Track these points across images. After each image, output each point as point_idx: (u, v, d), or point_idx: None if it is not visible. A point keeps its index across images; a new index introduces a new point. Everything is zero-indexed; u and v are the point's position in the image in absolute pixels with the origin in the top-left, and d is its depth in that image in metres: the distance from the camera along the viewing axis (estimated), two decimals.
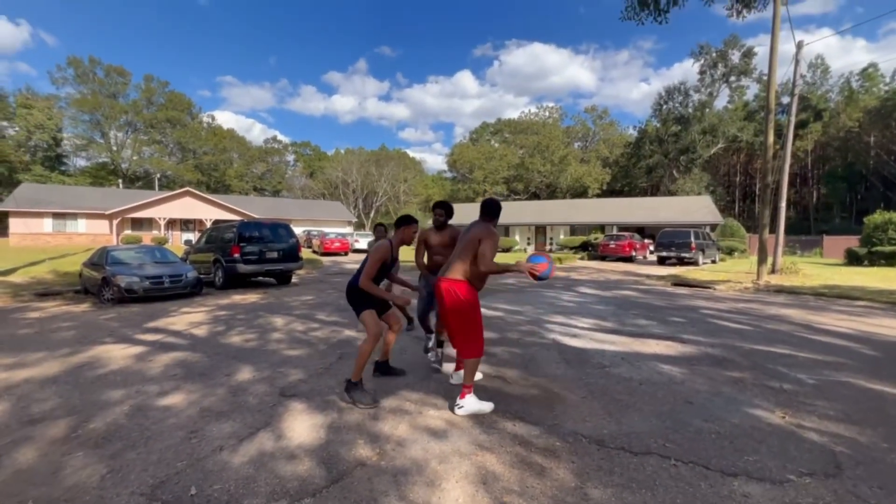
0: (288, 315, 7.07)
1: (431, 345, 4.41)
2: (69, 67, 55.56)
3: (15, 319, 6.94)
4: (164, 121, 60.62)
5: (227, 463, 2.49)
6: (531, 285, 11.41)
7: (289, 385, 3.78)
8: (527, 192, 59.19)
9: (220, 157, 64.69)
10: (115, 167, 57.89)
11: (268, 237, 11.01)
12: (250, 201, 42.81)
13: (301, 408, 3.27)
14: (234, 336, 5.63)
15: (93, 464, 2.50)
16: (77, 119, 55.64)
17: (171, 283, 8.91)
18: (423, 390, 3.65)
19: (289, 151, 78.10)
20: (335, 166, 63.72)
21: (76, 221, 30.24)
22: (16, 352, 4.88)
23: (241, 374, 4.06)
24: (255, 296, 9.42)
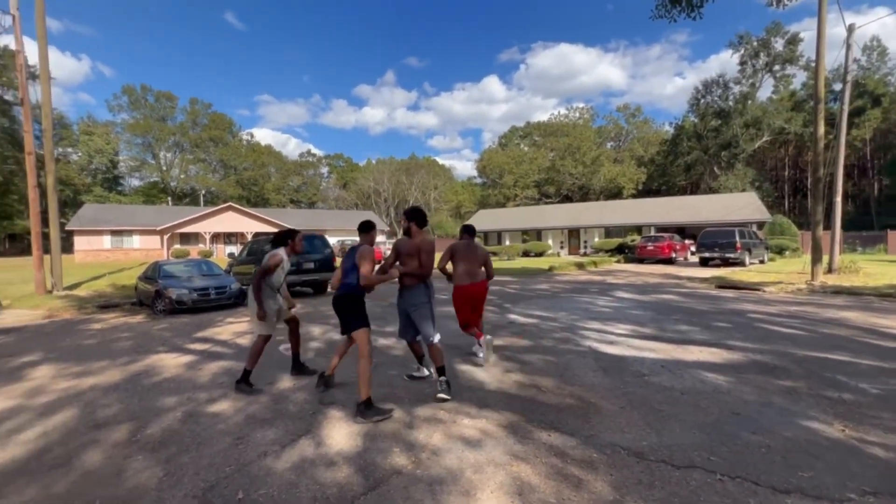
0: (325, 324, 7.29)
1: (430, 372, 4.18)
2: (124, 95, 60.16)
3: (80, 330, 7.53)
4: (208, 140, 64.30)
5: (271, 469, 2.60)
6: (564, 290, 11.19)
7: (327, 393, 3.90)
8: (558, 194, 58.25)
9: (258, 172, 67.75)
10: (164, 185, 61.84)
11: (305, 248, 11.39)
12: (287, 213, 44.52)
13: (339, 416, 3.37)
14: (277, 345, 5.86)
15: (151, 467, 2.68)
16: (131, 143, 60.08)
17: (216, 295, 9.40)
18: (457, 399, 3.66)
19: (322, 164, 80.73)
20: (367, 177, 65.22)
21: (131, 238, 32.47)
22: (82, 361, 5.30)
23: (282, 383, 4.23)
24: (297, 305, 9.76)
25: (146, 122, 59.69)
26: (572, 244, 34.47)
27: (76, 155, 55.17)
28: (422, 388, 3.98)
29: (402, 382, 4.15)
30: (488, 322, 7.12)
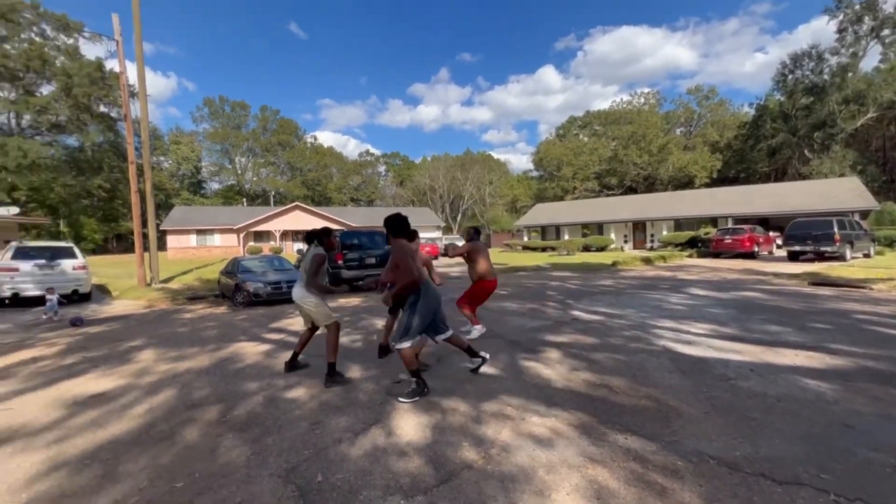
0: (386, 317, 7.48)
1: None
2: (205, 107, 66.13)
3: (174, 319, 8.39)
4: (277, 144, 68.84)
5: (346, 455, 2.70)
6: (630, 287, 10.59)
7: (395, 384, 3.99)
8: (622, 186, 55.30)
9: (321, 173, 71.39)
10: (240, 188, 67.21)
11: (366, 244, 11.83)
12: (348, 211, 46.51)
13: (406, 407, 3.43)
14: (343, 337, 6.10)
15: (239, 445, 2.89)
16: (211, 150, 66.02)
17: (287, 288, 10.01)
18: (524, 395, 3.58)
19: (380, 163, 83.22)
20: (422, 174, 66.22)
21: (213, 236, 35.71)
22: (177, 347, 5.89)
23: (351, 373, 4.40)
24: (357, 299, 10.17)
25: (224, 130, 65.21)
26: (637, 238, 32.59)
27: (167, 163, 61.62)
28: (487, 382, 3.94)
29: (467, 376, 4.14)
30: (550, 318, 6.92)
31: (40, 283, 9.97)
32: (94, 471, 2.62)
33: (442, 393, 3.70)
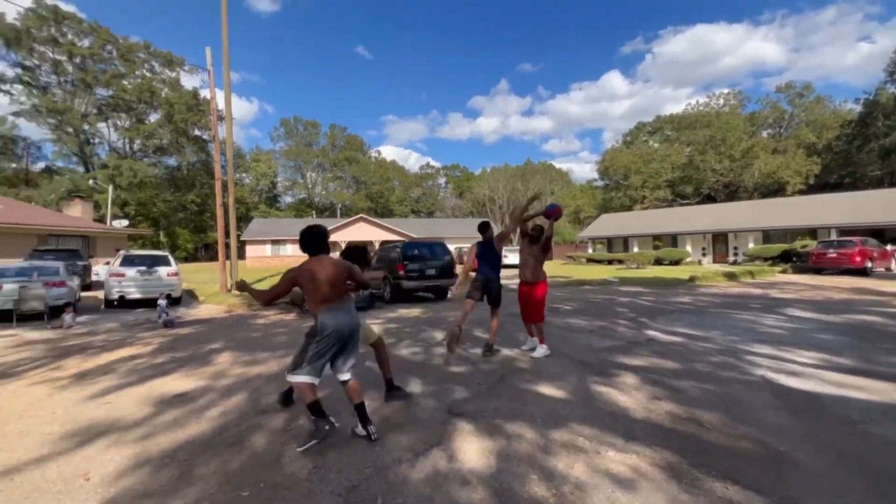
0: (446, 330, 7.38)
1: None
2: (281, 127, 72.03)
3: (249, 324, 8.94)
4: (344, 160, 72.84)
5: (406, 477, 2.58)
6: (713, 305, 9.57)
7: (455, 402, 3.83)
8: (698, 194, 51.25)
9: (384, 186, 74.19)
10: (310, 201, 71.80)
11: (426, 255, 11.90)
12: (409, 223, 47.68)
13: (469, 429, 3.25)
14: (404, 349, 6.11)
15: (302, 457, 2.88)
16: (286, 166, 71.46)
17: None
18: (598, 425, 3.24)
19: (440, 175, 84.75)
20: (482, 185, 66.32)
21: (286, 246, 38.31)
22: (250, 351, 6.22)
23: (411, 387, 4.31)
24: (418, 310, 10.20)
25: (297, 147, 70.41)
26: (718, 251, 29.82)
27: (248, 179, 67.60)
28: (556, 407, 3.65)
29: (532, 398, 3.87)
30: (622, 338, 6.39)
31: (141, 288, 11.20)
32: (171, 471, 2.73)
33: (506, 416, 3.47)
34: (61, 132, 43.55)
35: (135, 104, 44.93)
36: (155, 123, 46.32)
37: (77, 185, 40.48)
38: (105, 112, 45.13)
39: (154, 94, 44.99)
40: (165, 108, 45.25)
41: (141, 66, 45.61)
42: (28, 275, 9.83)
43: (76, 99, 43.29)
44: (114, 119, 46.39)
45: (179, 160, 49.80)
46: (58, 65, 42.41)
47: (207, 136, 47.73)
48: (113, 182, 39.61)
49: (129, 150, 48.00)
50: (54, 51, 41.52)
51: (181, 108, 45.26)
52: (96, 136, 46.68)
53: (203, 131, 48.08)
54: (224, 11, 14.26)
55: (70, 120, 42.50)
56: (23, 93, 41.23)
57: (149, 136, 46.09)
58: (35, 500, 2.42)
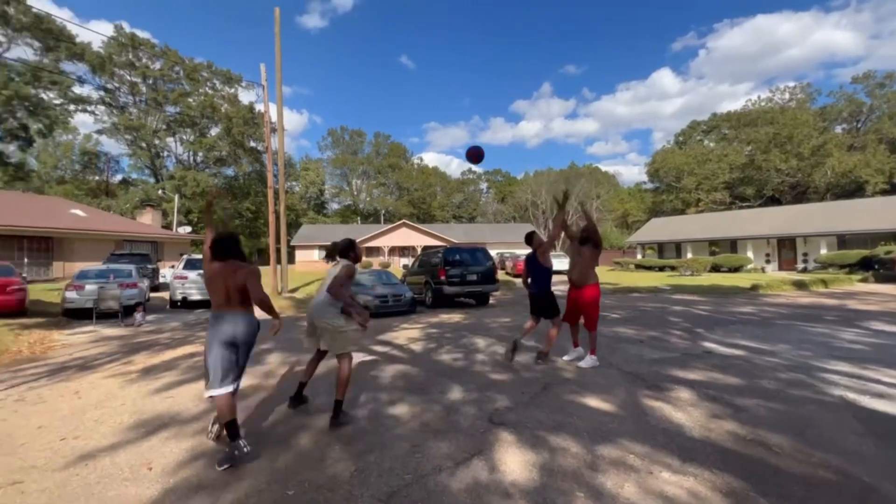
0: (489, 336, 7.29)
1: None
2: (329, 137, 75.05)
3: (297, 326, 9.29)
4: (387, 167, 74.60)
5: (446, 486, 2.54)
6: (780, 316, 8.80)
7: (496, 411, 3.75)
8: (760, 196, 47.68)
9: (426, 192, 75.11)
10: (355, 207, 74.06)
11: (468, 261, 11.87)
12: (451, 228, 47.92)
13: (511, 440, 3.16)
14: (444, 354, 6.09)
15: (344, 459, 2.93)
16: (333, 174, 74.19)
17: (393, 302, 10.48)
18: (650, 442, 3.04)
19: (482, 180, 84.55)
20: (524, 189, 65.44)
21: None
22: (298, 353, 6.44)
23: (452, 394, 4.27)
24: (459, 315, 10.17)
25: (343, 156, 73.00)
26: (784, 257, 27.52)
27: (297, 187, 70.88)
28: (603, 421, 3.47)
29: (578, 410, 3.71)
30: (676, 349, 6.01)
31: (201, 290, 11.98)
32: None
33: (550, 428, 3.35)
34: (136, 147, 47.97)
35: (198, 119, 48.60)
36: (215, 137, 49.84)
37: (148, 194, 44.29)
38: (173, 128, 49.19)
39: (215, 110, 48.46)
40: (225, 122, 48.61)
41: (204, 84, 49.33)
42: (106, 277, 10.83)
43: (149, 116, 47.51)
44: (180, 134, 50.44)
45: (236, 170, 53.24)
46: (134, 86, 46.81)
47: (261, 147, 50.64)
48: (179, 191, 42.98)
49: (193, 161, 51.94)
50: (131, 74, 45.88)
51: (238, 122, 48.41)
52: (165, 150, 50.98)
53: (258, 143, 51.09)
54: (277, 30, 15.10)
55: (143, 136, 46.72)
56: (105, 113, 45.90)
57: (210, 148, 49.66)
58: (105, 486, 2.62)
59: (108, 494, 2.52)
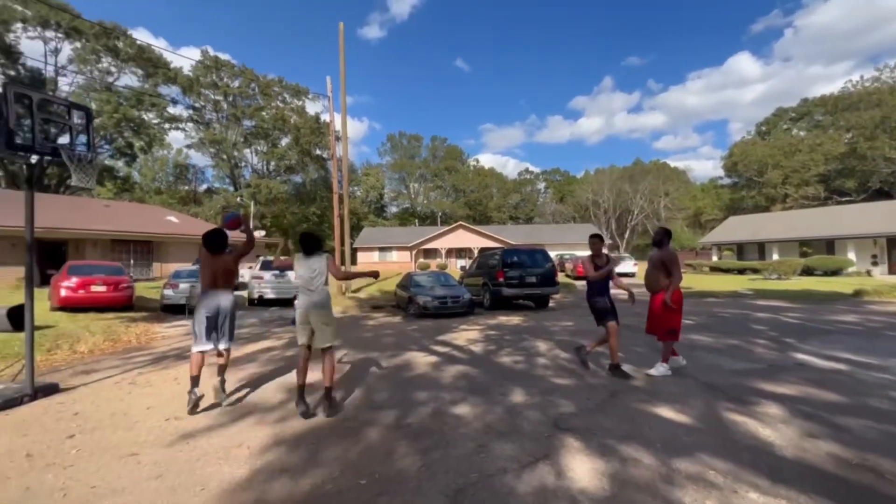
0: (550, 340, 7.14)
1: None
2: (388, 142, 77.51)
3: (361, 325, 9.73)
4: (444, 170, 75.54)
5: (512, 488, 2.54)
6: (890, 326, 7.70)
7: (561, 416, 3.67)
8: (863, 190, 41.96)
9: (482, 194, 74.98)
10: (412, 210, 75.78)
11: (527, 262, 11.69)
12: (508, 229, 47.41)
13: (578, 446, 3.08)
14: (504, 356, 6.05)
15: (411, 454, 3.03)
16: (392, 178, 76.51)
17: (452, 304, 10.60)
18: (733, 459, 2.82)
19: (539, 180, 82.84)
20: (584, 188, 63.15)
21: (391, 253, 41.01)
22: (363, 350, 6.75)
23: (514, 396, 4.25)
24: (518, 318, 10.05)
25: (401, 161, 75.08)
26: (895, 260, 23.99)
27: (358, 191, 74.02)
28: (677, 433, 3.27)
29: (649, 420, 3.53)
30: (762, 360, 5.49)
31: (275, 289, 12.94)
32: (301, 453, 3.08)
33: (618, 436, 3.21)
34: (218, 159, 52.88)
35: (270, 131, 52.54)
36: (285, 147, 53.54)
37: (228, 201, 48.57)
38: (249, 140, 53.61)
39: (285, 122, 52.09)
40: (294, 132, 52.08)
41: (275, 99, 53.23)
42: (195, 277, 12.06)
43: (229, 131, 52.18)
44: (255, 145, 54.83)
45: (304, 177, 56.76)
46: (216, 104, 51.66)
47: (326, 154, 53.58)
48: (254, 198, 46.73)
49: (266, 170, 56.18)
50: (214, 93, 50.67)
51: (306, 132, 51.65)
52: (242, 161, 55.68)
53: (323, 150, 54.13)
54: (341, 43, 15.93)
55: (224, 148, 51.40)
56: (193, 129, 51.18)
57: (281, 157, 53.44)
58: (204, 463, 2.93)
59: (207, 471, 2.82)
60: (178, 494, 2.53)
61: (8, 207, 17.88)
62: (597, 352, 5.91)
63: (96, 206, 24.82)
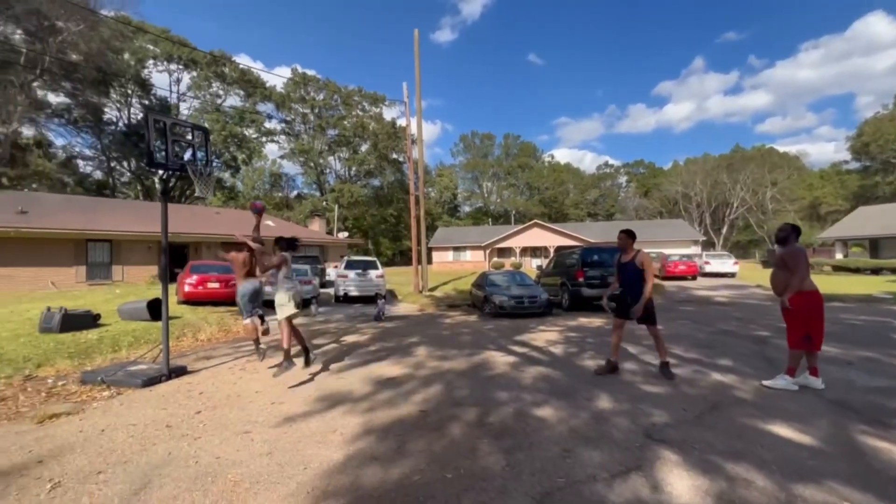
0: (637, 345, 6.68)
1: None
2: (460, 142, 78.28)
3: (438, 323, 9.95)
4: (517, 167, 74.41)
5: (603, 497, 2.42)
6: None
7: (653, 427, 3.42)
8: None
9: (558, 190, 72.58)
10: (486, 209, 75.72)
11: (609, 261, 11.06)
12: (585, 227, 45.31)
13: (675, 459, 2.84)
14: (588, 359, 5.80)
15: (494, 453, 3.03)
16: (465, 178, 77.16)
17: (528, 303, 10.41)
18: (872, 490, 2.40)
19: (620, 174, 78.09)
20: (673, 181, 58.13)
21: (465, 252, 41.37)
22: (441, 347, 6.91)
23: (599, 402, 4.05)
24: (600, 320, 9.56)
25: (474, 160, 75.38)
26: None
27: (433, 192, 75.78)
28: (799, 455, 2.87)
29: (761, 437, 3.15)
30: None
31: (358, 287, 13.75)
32: (390, 443, 3.24)
33: (723, 453, 2.91)
34: (307, 167, 57.69)
35: (351, 139, 56.07)
36: (365, 152, 56.75)
37: (315, 206, 52.69)
38: (333, 148, 57.72)
39: (364, 129, 55.23)
40: (372, 138, 55.03)
41: (356, 108, 56.68)
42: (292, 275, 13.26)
43: (315, 140, 56.64)
44: (338, 153, 58.87)
45: (381, 180, 59.68)
46: (304, 116, 56.36)
47: (402, 158, 55.73)
48: (338, 202, 50.16)
49: (348, 175, 60.00)
50: (302, 106, 55.36)
51: (383, 137, 54.27)
52: (327, 167, 60.13)
53: (399, 154, 56.42)
54: (416, 49, 16.43)
55: (311, 157, 55.92)
56: (285, 141, 56.42)
57: (361, 163, 56.76)
58: (304, 445, 3.21)
59: (307, 452, 3.09)
60: (286, 471, 2.80)
61: (144, 216, 21.21)
62: (690, 360, 5.45)
63: (209, 213, 28.40)
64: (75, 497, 2.53)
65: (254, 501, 2.46)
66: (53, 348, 6.43)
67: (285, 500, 2.48)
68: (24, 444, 3.31)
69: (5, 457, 3.09)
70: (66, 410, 4.01)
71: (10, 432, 3.56)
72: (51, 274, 16.92)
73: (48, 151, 34.56)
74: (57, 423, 3.74)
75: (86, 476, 2.78)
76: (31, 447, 3.25)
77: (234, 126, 46.16)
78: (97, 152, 40.17)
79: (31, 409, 4.09)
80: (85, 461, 2.99)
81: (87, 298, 12.53)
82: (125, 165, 42.08)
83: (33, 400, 4.39)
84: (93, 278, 18.04)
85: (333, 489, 2.58)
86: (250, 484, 2.65)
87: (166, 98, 42.86)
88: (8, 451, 3.19)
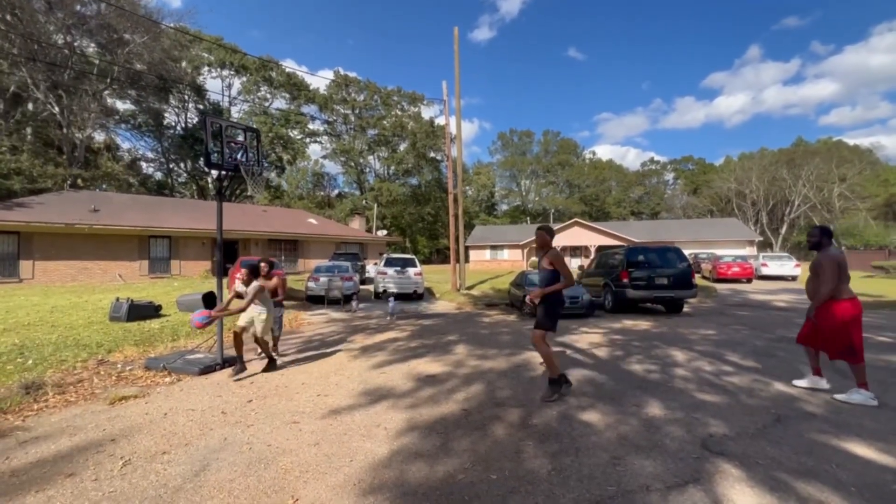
0: (688, 350, 6.34)
1: None
2: (498, 140, 77.58)
3: (477, 322, 9.90)
4: (557, 165, 72.84)
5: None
6: None
7: (711, 438, 3.21)
8: None
9: (599, 188, 70.38)
10: (524, 208, 74.68)
11: (656, 262, 10.57)
12: (629, 226, 43.62)
13: (737, 474, 2.66)
14: (635, 364, 5.56)
15: (539, 456, 2.96)
16: (502, 176, 76.42)
17: (570, 304, 10.11)
18: None
19: (667, 170, 74.61)
20: (725, 177, 54.84)
21: (502, 251, 40.97)
22: (481, 346, 6.86)
23: (650, 409, 3.86)
24: (646, 323, 9.16)
25: (512, 158, 74.49)
26: None
27: (470, 190, 75.63)
28: (881, 477, 2.60)
29: (835, 456, 2.88)
30: None
31: (397, 284, 13.95)
32: (433, 440, 3.24)
33: (793, 470, 2.69)
34: (347, 166, 59.21)
35: (390, 138, 56.99)
36: (403, 152, 57.51)
37: (355, 204, 54.04)
38: (372, 147, 58.93)
39: (403, 128, 55.97)
40: (411, 137, 55.65)
41: (395, 108, 57.55)
42: (332, 272, 13.65)
43: (356, 140, 58.04)
44: (378, 152, 60.04)
45: (419, 179, 60.26)
46: (346, 117, 57.87)
47: (440, 156, 56.00)
48: (377, 201, 51.14)
49: (387, 174, 61.05)
50: (343, 107, 56.87)
51: (421, 136, 54.75)
52: (367, 167, 61.45)
53: (437, 153, 56.74)
54: (456, 47, 16.41)
55: (352, 157, 57.36)
56: (327, 141, 58.21)
57: (399, 162, 57.57)
58: (350, 437, 3.28)
59: (353, 445, 3.15)
60: (333, 462, 2.87)
61: (198, 214, 22.54)
62: (748, 368, 5.09)
63: (257, 211, 29.79)
64: (144, 474, 2.71)
65: (304, 490, 2.53)
66: (122, 335, 6.97)
67: (333, 490, 2.53)
68: (98, 422, 3.60)
69: (84, 434, 3.37)
70: (133, 394, 4.32)
71: (88, 411, 3.88)
72: (118, 267, 18.39)
73: (116, 154, 37.55)
74: (126, 405, 4.03)
75: (152, 455, 2.97)
76: (104, 426, 3.52)
77: (280, 128, 48.15)
78: (158, 154, 43.20)
79: (104, 391, 4.44)
80: (151, 442, 3.21)
81: (150, 290, 13.51)
82: (182, 167, 44.97)
83: (105, 382, 4.76)
84: (154, 272, 19.43)
85: (379, 483, 2.61)
86: (300, 472, 2.74)
87: (219, 102, 45.37)
88: (86, 428, 3.48)
